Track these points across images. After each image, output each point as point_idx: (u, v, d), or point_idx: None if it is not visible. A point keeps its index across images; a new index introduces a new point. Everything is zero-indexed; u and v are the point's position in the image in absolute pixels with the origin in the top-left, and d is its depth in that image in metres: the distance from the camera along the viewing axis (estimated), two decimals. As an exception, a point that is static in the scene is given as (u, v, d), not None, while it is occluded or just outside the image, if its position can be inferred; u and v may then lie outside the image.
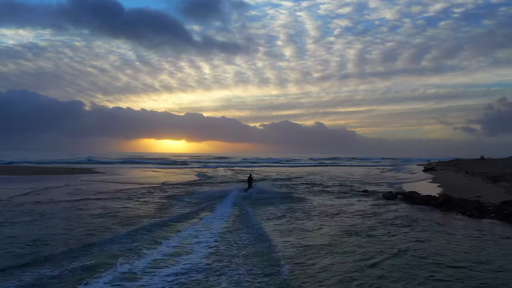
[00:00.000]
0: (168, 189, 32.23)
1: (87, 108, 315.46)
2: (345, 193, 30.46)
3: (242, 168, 74.85)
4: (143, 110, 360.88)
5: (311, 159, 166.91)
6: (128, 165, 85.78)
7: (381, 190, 31.50)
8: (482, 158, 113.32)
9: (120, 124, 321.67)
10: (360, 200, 25.65)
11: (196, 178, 49.14)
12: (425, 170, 66.66)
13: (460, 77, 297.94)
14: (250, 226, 16.64)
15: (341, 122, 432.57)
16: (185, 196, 27.56)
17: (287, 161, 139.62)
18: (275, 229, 15.98)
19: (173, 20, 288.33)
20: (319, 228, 16.15)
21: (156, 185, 36.45)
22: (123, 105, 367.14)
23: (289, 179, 47.67)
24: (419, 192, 26.28)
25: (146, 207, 21.74)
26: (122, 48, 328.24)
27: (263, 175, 53.01)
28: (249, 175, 35.74)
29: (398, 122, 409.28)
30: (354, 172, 64.68)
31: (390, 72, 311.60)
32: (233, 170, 69.84)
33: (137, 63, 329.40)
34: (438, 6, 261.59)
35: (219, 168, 74.95)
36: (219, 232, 15.18)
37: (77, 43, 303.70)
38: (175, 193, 29.25)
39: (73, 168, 61.95)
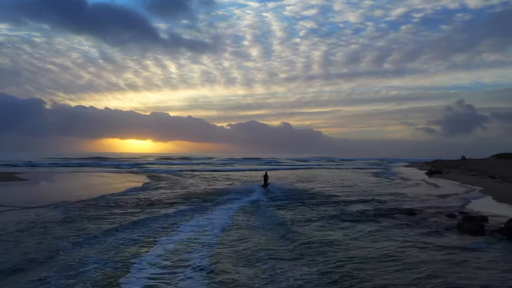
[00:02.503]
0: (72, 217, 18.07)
1: (47, 107, 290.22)
2: (386, 216, 18.48)
3: (213, 173, 59.67)
4: (107, 109, 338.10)
5: (288, 159, 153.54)
6: (74, 168, 68.39)
7: (431, 210, 19.88)
8: (463, 158, 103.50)
9: (83, 123, 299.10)
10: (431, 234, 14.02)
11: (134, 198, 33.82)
12: (430, 174, 53.76)
13: (420, 80, 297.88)
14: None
15: (307, 122, 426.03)
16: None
17: (268, 162, 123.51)
18: None
19: (139, 16, 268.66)
20: None
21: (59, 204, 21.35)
22: (86, 103, 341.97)
23: (298, 194, 32.43)
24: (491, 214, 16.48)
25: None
26: (85, 45, 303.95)
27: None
28: (264, 173, 36.14)
29: (362, 122, 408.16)
30: (351, 178, 51.09)
31: (354, 74, 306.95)
32: (199, 177, 54.43)
33: (101, 61, 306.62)
34: (399, 11, 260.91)
35: (177, 177, 59.52)
36: None
37: (36, 39, 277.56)
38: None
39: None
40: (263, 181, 33.00)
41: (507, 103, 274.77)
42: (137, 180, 41.41)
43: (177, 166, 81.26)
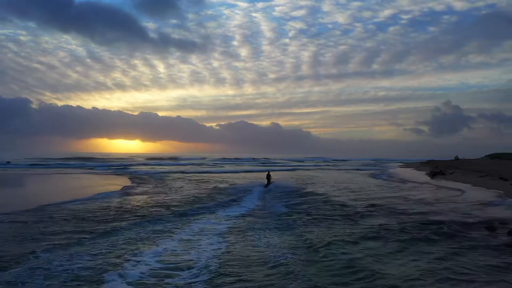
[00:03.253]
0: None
1: (34, 106, 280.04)
2: (422, 233, 13.66)
3: (204, 176, 54.90)
4: (94, 108, 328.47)
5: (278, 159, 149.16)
6: (54, 169, 63.02)
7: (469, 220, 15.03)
8: (457, 159, 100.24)
9: (70, 123, 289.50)
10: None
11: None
12: (432, 175, 49.79)
13: (408, 81, 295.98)
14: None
15: (297, 122, 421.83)
16: None
17: (263, 162, 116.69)
18: None
19: (127, 15, 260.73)
20: None
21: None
22: (73, 103, 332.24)
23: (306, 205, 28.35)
24: None
25: None
26: (72, 44, 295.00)
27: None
28: (267, 173, 36.05)
29: (351, 123, 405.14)
30: (351, 180, 46.93)
31: (343, 75, 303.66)
32: (189, 179, 49.70)
33: (88, 60, 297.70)
34: (387, 12, 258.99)
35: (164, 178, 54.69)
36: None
37: (22, 38, 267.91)
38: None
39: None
40: (266, 181, 33.67)
41: (493, 104, 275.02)
42: (116, 183, 36.65)
43: (165, 167, 76.37)
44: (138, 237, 13.19)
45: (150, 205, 21.25)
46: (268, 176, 34.40)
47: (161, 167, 72.13)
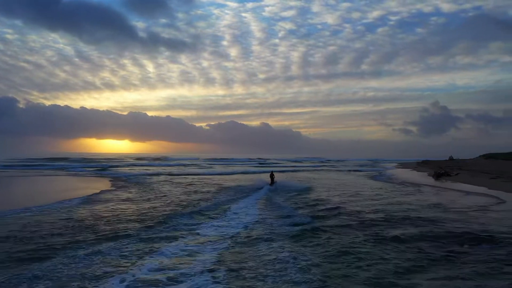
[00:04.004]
0: None
1: (21, 106, 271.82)
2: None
3: (195, 178, 50.17)
4: (82, 108, 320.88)
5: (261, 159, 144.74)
6: (31, 171, 57.73)
7: None
8: (451, 159, 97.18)
9: (58, 123, 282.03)
10: None
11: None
12: (437, 176, 46.00)
13: (396, 82, 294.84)
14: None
15: (286, 123, 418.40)
16: None
17: (261, 163, 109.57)
18: None
19: (116, 14, 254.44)
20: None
21: None
22: (61, 103, 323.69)
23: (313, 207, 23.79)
24: None
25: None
26: (60, 42, 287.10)
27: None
28: (271, 172, 36.35)
29: (340, 123, 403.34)
30: (351, 182, 42.81)
31: (332, 75, 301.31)
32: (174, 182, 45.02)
33: (76, 59, 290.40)
34: (375, 13, 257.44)
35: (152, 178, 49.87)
36: None
37: (9, 36, 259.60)
38: None
39: None
40: (270, 181, 34.18)
41: (480, 104, 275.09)
42: (94, 187, 31.87)
43: (153, 168, 71.56)
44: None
45: (120, 218, 16.69)
46: (272, 176, 35.05)
47: (147, 168, 66.96)
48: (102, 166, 68.37)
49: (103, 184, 34.57)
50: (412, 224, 15.21)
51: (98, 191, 27.95)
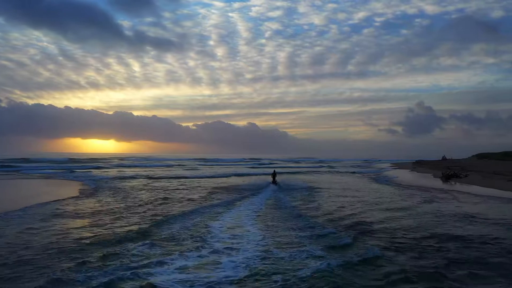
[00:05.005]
0: None
1: (3, 104, 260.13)
2: None
3: (181, 182, 44.00)
4: (67, 107, 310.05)
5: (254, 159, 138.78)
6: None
7: None
8: (444, 158, 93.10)
9: (42, 122, 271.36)
10: None
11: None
12: (446, 178, 41.01)
13: (382, 82, 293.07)
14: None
15: (273, 123, 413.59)
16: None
17: (258, 164, 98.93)
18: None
19: (101, 12, 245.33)
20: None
21: None
22: (45, 102, 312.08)
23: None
24: None
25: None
26: (43, 41, 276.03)
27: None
28: (273, 171, 35.92)
29: (326, 123, 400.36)
30: (357, 186, 36.89)
31: (318, 76, 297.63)
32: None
33: (60, 58, 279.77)
34: (361, 14, 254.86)
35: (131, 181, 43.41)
36: None
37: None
38: None
39: None
40: (272, 179, 34.07)
41: (463, 105, 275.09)
42: (57, 194, 25.39)
43: (134, 170, 65.25)
44: None
45: (50, 247, 10.83)
46: (274, 175, 34.78)
47: (126, 170, 59.90)
48: (73, 168, 60.32)
49: (63, 191, 28.22)
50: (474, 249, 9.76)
51: (49, 200, 21.74)
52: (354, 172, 57.59)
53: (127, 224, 15.04)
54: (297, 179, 39.34)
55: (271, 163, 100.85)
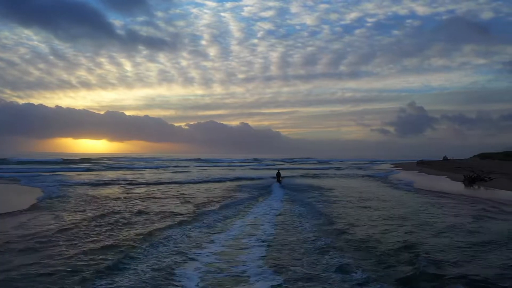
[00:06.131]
0: None
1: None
2: None
3: (165, 190, 37.72)
4: (58, 107, 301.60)
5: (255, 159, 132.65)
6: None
7: None
8: (446, 159, 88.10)
9: (33, 122, 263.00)
10: None
11: None
12: (470, 182, 35.46)
13: (374, 82, 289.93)
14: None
15: (266, 123, 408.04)
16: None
17: (259, 165, 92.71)
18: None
19: (93, 10, 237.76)
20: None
21: None
22: (36, 101, 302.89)
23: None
24: None
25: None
26: (34, 40, 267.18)
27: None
28: (277, 171, 36.56)
29: (319, 123, 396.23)
30: (377, 194, 31.14)
31: (311, 76, 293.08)
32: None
33: (51, 57, 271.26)
34: (353, 15, 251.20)
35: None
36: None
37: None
38: None
39: None
40: (277, 178, 34.58)
41: (454, 105, 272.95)
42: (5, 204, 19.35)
43: (118, 173, 58.92)
44: None
45: None
46: (278, 174, 35.37)
47: (110, 173, 52.91)
48: (49, 170, 51.97)
49: (9, 202, 22.06)
50: None
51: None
52: (362, 176, 51.04)
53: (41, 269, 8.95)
54: (308, 185, 33.10)
55: (274, 164, 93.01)
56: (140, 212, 17.76)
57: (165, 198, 23.98)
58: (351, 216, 17.74)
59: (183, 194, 26.34)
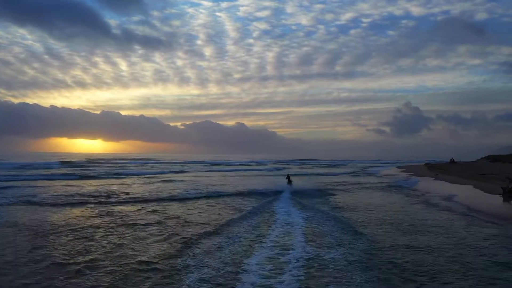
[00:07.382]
0: None
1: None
2: None
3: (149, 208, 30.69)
4: (53, 107, 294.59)
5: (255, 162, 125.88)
6: None
7: None
8: (453, 161, 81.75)
9: (27, 122, 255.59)
10: None
11: None
12: (509, 194, 28.72)
13: (369, 83, 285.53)
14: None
15: (262, 122, 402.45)
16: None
17: (264, 168, 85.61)
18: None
19: (88, 10, 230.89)
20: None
21: None
22: (30, 101, 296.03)
23: None
24: None
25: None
26: (28, 39, 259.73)
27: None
28: (287, 175, 37.64)
29: (314, 123, 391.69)
30: (442, 227, 24.41)
31: (306, 76, 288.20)
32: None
33: (46, 56, 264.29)
34: (348, 15, 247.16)
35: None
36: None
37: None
38: None
39: None
40: (287, 181, 35.91)
41: (450, 106, 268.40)
42: None
43: (101, 182, 51.96)
44: None
45: None
46: (289, 178, 36.46)
47: (92, 182, 43.52)
48: (13, 178, 44.33)
49: None
50: None
51: None
52: (382, 187, 42.41)
53: None
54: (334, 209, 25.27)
55: (283, 168, 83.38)
56: (91, 261, 10.77)
57: (148, 226, 16.93)
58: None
59: (172, 218, 19.24)
